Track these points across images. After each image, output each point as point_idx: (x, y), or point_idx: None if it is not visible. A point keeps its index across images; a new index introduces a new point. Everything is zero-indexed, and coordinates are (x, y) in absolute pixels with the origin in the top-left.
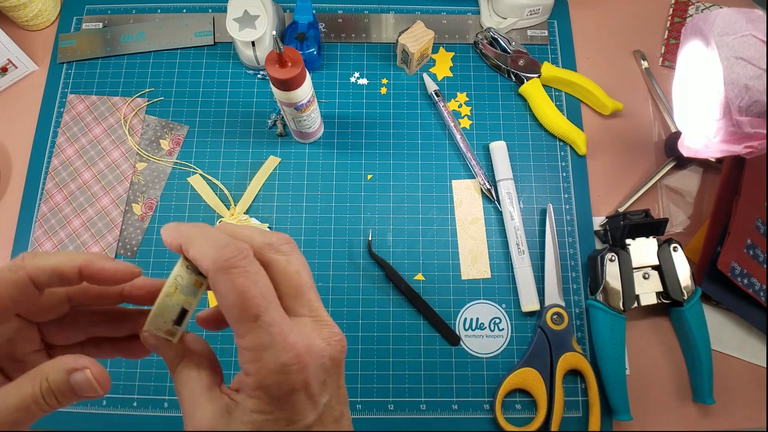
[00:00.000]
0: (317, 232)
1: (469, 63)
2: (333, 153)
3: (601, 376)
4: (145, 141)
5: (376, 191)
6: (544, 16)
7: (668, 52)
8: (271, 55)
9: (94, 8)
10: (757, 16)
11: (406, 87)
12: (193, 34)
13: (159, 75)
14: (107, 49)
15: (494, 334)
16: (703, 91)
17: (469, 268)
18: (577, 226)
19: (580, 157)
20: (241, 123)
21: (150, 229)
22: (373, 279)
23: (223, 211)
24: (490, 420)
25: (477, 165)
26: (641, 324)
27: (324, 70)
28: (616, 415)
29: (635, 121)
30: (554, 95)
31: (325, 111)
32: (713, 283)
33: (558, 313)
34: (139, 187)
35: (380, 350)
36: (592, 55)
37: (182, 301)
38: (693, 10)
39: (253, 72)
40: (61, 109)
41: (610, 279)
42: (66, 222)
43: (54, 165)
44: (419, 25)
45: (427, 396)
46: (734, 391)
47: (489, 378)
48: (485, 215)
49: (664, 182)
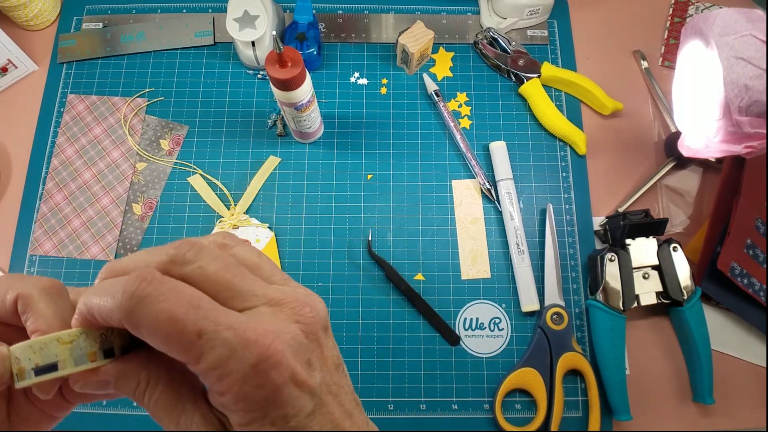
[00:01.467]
0: (317, 232)
1: (469, 63)
2: (333, 153)
3: (600, 376)
4: (145, 141)
5: (376, 191)
6: (544, 16)
7: (668, 52)
8: (271, 55)
9: (94, 8)
10: (757, 16)
11: (406, 87)
12: (193, 34)
13: (159, 75)
14: (107, 49)
15: (494, 334)
16: (703, 91)
17: (469, 268)
18: (577, 226)
19: (580, 157)
20: (241, 123)
21: (150, 229)
22: (373, 279)
23: (223, 211)
24: (489, 420)
25: (477, 165)
26: (641, 324)
27: (324, 70)
28: (616, 415)
29: (635, 121)
30: (554, 95)
31: (325, 111)
32: (713, 283)
33: (558, 313)
34: (139, 187)
35: (380, 350)
36: (592, 55)
37: (63, 357)
38: (693, 10)
39: (253, 72)
40: (61, 109)
41: (610, 279)
42: (66, 222)
43: (54, 165)
44: (419, 25)
45: (427, 396)
46: (734, 391)
47: (489, 378)
48: (485, 215)
49: (664, 182)
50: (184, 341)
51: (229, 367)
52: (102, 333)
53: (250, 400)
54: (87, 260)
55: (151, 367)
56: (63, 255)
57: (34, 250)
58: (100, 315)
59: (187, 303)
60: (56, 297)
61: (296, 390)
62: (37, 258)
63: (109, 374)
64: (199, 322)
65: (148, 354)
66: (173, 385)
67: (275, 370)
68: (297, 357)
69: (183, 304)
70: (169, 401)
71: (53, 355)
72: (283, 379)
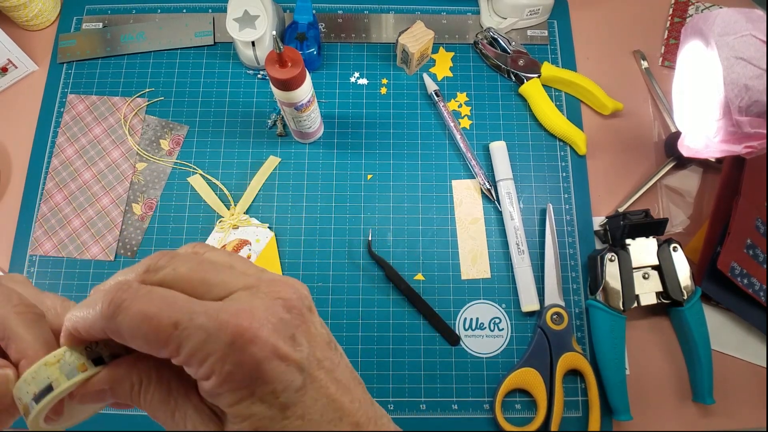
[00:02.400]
0: (317, 232)
1: (469, 63)
2: (333, 153)
3: (600, 376)
4: (145, 141)
5: (376, 191)
6: (544, 16)
7: (668, 52)
8: (271, 55)
9: (94, 8)
10: (757, 16)
11: (406, 87)
12: (193, 34)
13: (159, 75)
14: (107, 49)
15: (494, 334)
16: (703, 91)
17: (469, 268)
18: (577, 226)
19: (580, 157)
20: (241, 123)
21: (150, 229)
22: (373, 279)
23: (223, 211)
24: (490, 420)
25: (477, 165)
26: (641, 324)
27: (324, 70)
28: (616, 415)
29: (635, 121)
30: (554, 95)
31: (325, 111)
32: (713, 283)
33: (558, 313)
34: (139, 187)
35: (380, 350)
36: (592, 55)
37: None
38: (693, 10)
39: (253, 72)
40: (61, 109)
41: (609, 279)
42: (66, 222)
43: (54, 165)
44: (419, 25)
45: (427, 396)
46: (734, 391)
47: (489, 378)
48: (485, 215)
49: (664, 182)
50: (162, 335)
51: (207, 350)
52: (87, 345)
53: (234, 379)
54: (87, 260)
55: (140, 367)
56: (63, 255)
57: (34, 250)
58: (84, 329)
59: (159, 301)
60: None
61: (281, 364)
62: (37, 258)
63: (102, 382)
64: (173, 315)
65: (136, 356)
66: (163, 382)
67: (253, 345)
68: (278, 332)
69: (156, 302)
70: (162, 398)
71: (45, 378)
72: (264, 353)
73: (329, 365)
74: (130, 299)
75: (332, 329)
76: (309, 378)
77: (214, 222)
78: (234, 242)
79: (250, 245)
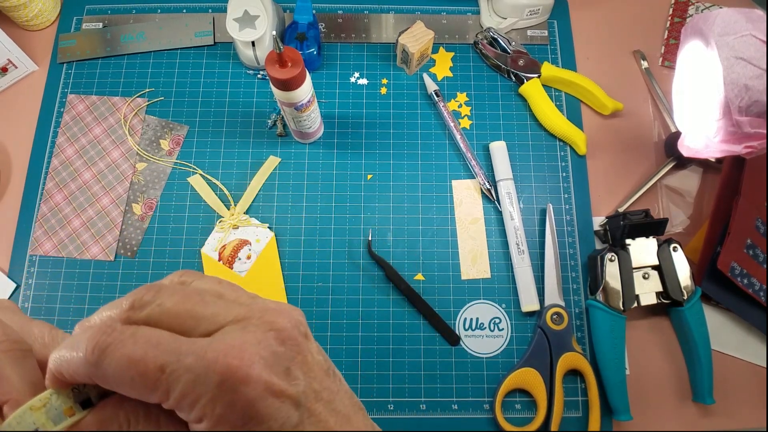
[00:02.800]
0: (317, 232)
1: (469, 63)
2: (333, 153)
3: (600, 376)
4: (145, 141)
5: (376, 191)
6: (544, 16)
7: (668, 52)
8: (271, 55)
9: (94, 8)
10: (757, 16)
11: (406, 87)
12: (193, 34)
13: (159, 75)
14: (107, 49)
15: (494, 334)
16: (703, 91)
17: (469, 268)
18: (577, 226)
19: (580, 157)
20: (241, 123)
21: (150, 230)
22: (373, 279)
23: (223, 211)
24: (490, 420)
25: (477, 165)
26: (641, 324)
27: (324, 70)
28: (616, 415)
29: (635, 121)
30: (554, 95)
31: (325, 111)
32: (713, 283)
33: (558, 313)
34: (139, 187)
35: (380, 350)
36: (592, 55)
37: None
38: (693, 10)
39: (253, 72)
40: (61, 109)
41: (609, 279)
42: (66, 222)
43: (54, 165)
44: (419, 25)
45: (426, 396)
46: (734, 391)
47: (489, 378)
48: (485, 215)
49: (664, 182)
50: (149, 380)
51: (196, 393)
52: (74, 387)
53: (226, 421)
54: (87, 260)
55: (127, 407)
56: (63, 255)
57: (34, 250)
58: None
59: (144, 343)
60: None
61: (275, 401)
62: (37, 258)
63: (90, 425)
64: (159, 358)
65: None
66: (152, 419)
67: (245, 384)
68: (271, 367)
69: (141, 346)
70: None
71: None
72: (257, 392)
73: (327, 396)
74: (114, 344)
75: (332, 329)
76: (306, 413)
77: (214, 222)
78: (234, 242)
79: (250, 245)
